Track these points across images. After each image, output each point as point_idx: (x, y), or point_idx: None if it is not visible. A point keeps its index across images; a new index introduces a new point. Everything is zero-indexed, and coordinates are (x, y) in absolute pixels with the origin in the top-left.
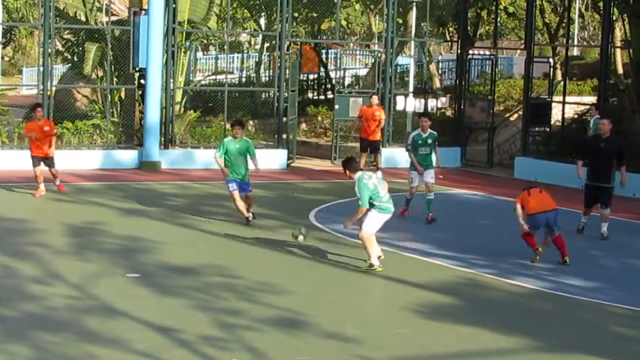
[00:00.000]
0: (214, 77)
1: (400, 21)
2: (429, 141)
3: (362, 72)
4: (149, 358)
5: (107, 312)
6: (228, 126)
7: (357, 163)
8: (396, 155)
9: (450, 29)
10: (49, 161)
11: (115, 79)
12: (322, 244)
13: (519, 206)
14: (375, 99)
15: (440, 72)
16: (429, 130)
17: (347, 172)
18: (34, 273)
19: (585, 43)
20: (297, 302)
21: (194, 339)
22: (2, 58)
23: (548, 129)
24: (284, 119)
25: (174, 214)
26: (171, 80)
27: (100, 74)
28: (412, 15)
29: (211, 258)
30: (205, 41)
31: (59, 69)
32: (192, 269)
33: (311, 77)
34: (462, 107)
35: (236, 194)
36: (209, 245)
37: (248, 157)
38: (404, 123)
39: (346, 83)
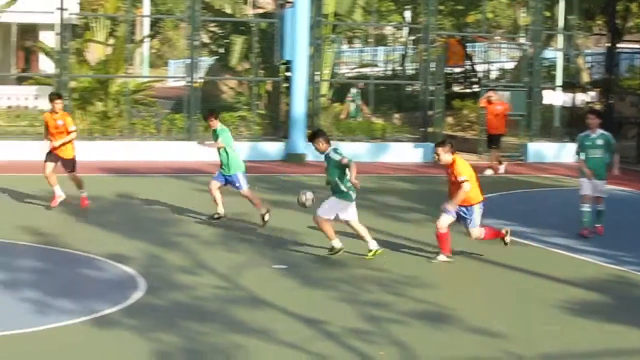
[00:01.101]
0: (359, 70)
1: (548, 14)
2: (599, 142)
3: (509, 65)
4: (296, 349)
5: (255, 302)
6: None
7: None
8: (543, 151)
9: (599, 22)
10: (66, 164)
11: (261, 72)
12: (468, 239)
13: None
14: (494, 95)
15: (588, 66)
16: (600, 130)
17: (319, 144)
18: (183, 263)
19: None
20: (443, 296)
21: (340, 331)
22: (150, 50)
23: None
24: (430, 112)
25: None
26: (317, 73)
27: (247, 66)
28: (560, 8)
29: (357, 250)
30: (350, 34)
31: (206, 61)
32: (339, 261)
33: (457, 70)
34: (611, 102)
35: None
36: (355, 238)
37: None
38: (551, 118)
39: (492, 77)
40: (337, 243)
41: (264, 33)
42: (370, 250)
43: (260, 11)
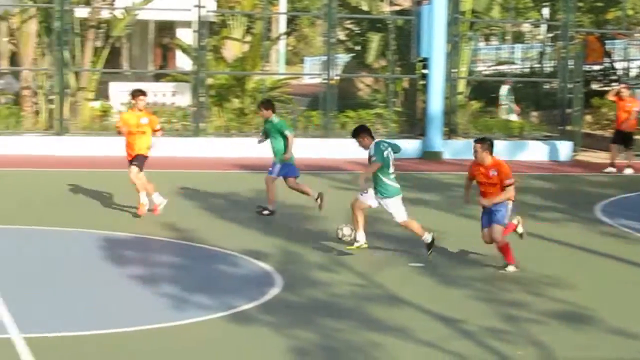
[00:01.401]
0: (495, 67)
1: None
2: None
3: None
4: (433, 348)
5: (391, 300)
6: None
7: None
8: None
9: None
10: (137, 160)
11: (397, 69)
12: (607, 239)
13: None
14: (625, 90)
15: None
16: None
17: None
18: (319, 260)
19: None
20: (581, 296)
21: (477, 330)
22: (285, 47)
23: None
24: (568, 110)
25: (458, 204)
26: (453, 70)
27: (383, 63)
28: None
29: (494, 249)
30: (487, 31)
31: (342, 58)
32: (476, 260)
33: (595, 68)
34: None
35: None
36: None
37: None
38: None
39: (632, 74)
40: (427, 237)
41: (401, 30)
42: (358, 241)
43: (397, 8)
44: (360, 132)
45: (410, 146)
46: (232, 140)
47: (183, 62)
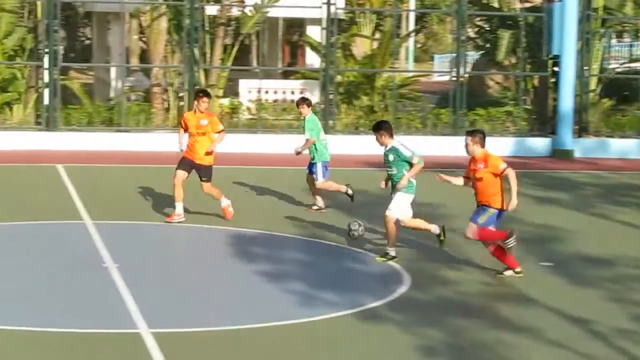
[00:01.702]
0: (628, 65)
1: None
2: None
3: None
4: (562, 348)
5: (520, 300)
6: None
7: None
8: None
9: None
10: (202, 171)
11: (527, 66)
12: None
13: None
14: None
15: None
16: None
17: (382, 137)
18: (448, 258)
19: None
20: None
21: (608, 331)
22: (415, 44)
23: None
24: None
25: (588, 203)
26: (585, 68)
27: (513, 61)
28: None
29: (626, 249)
30: (619, 28)
31: (471, 55)
32: (607, 260)
33: None
34: None
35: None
36: (624, 236)
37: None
38: None
39: None
40: (435, 229)
41: (531, 27)
42: (386, 254)
43: (528, 5)
44: (380, 129)
45: (540, 144)
46: (361, 137)
47: (312, 59)
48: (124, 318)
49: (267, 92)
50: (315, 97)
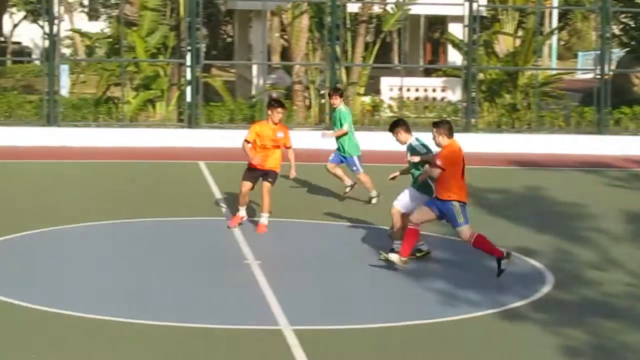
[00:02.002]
0: None
1: None
2: None
3: None
4: None
5: None
6: None
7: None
8: None
9: None
10: (271, 175)
11: None
12: None
13: None
14: None
15: None
16: None
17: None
18: (592, 258)
19: None
20: None
21: None
22: (558, 42)
23: None
24: None
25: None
26: None
27: None
28: None
29: None
30: None
31: (616, 53)
32: None
33: None
34: None
35: None
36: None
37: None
38: None
39: None
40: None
41: None
42: (420, 252)
43: None
44: (396, 127)
45: None
46: (503, 136)
47: (454, 57)
48: (265, 314)
49: (408, 89)
50: (457, 95)
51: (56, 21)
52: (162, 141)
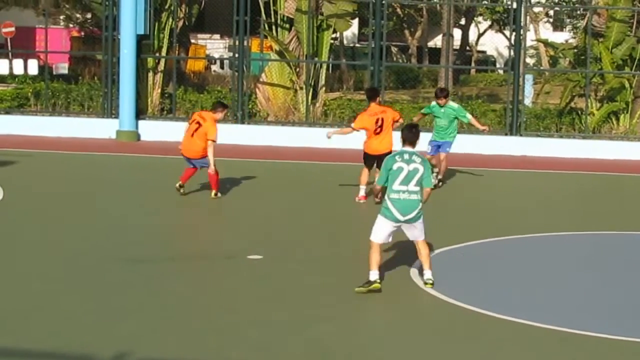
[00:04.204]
0: None
1: None
2: None
3: None
4: None
5: None
6: None
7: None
8: None
9: None
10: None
11: None
12: None
13: None
14: None
15: None
16: None
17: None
18: None
19: None
20: None
21: None
22: None
23: None
24: None
25: None
26: None
27: None
28: None
29: None
30: None
31: None
32: None
33: None
34: None
35: None
36: None
37: None
38: None
39: None
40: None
41: None
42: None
43: None
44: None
45: None
46: None
47: None
48: None
49: None
50: None
51: (522, 31)
52: (624, 154)
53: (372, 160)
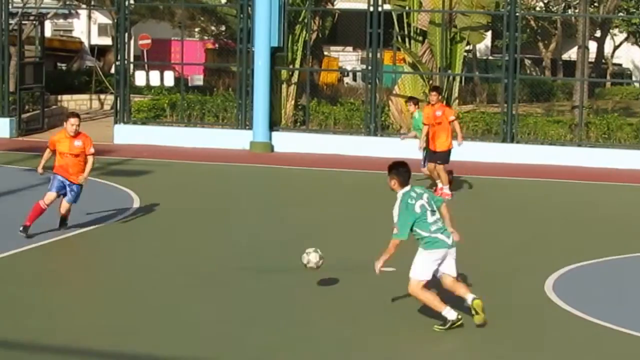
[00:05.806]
0: None
1: None
2: None
3: None
4: None
5: None
6: None
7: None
8: None
9: None
10: (437, 156)
11: None
12: None
13: None
14: None
15: None
16: None
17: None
18: None
19: None
20: None
21: None
22: None
23: None
24: None
25: None
26: None
27: None
28: None
29: None
30: None
31: None
32: None
33: None
34: None
35: None
36: None
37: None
38: None
39: None
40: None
41: None
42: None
43: None
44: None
45: None
46: None
47: None
48: None
49: None
50: None
51: None
52: None
53: None
